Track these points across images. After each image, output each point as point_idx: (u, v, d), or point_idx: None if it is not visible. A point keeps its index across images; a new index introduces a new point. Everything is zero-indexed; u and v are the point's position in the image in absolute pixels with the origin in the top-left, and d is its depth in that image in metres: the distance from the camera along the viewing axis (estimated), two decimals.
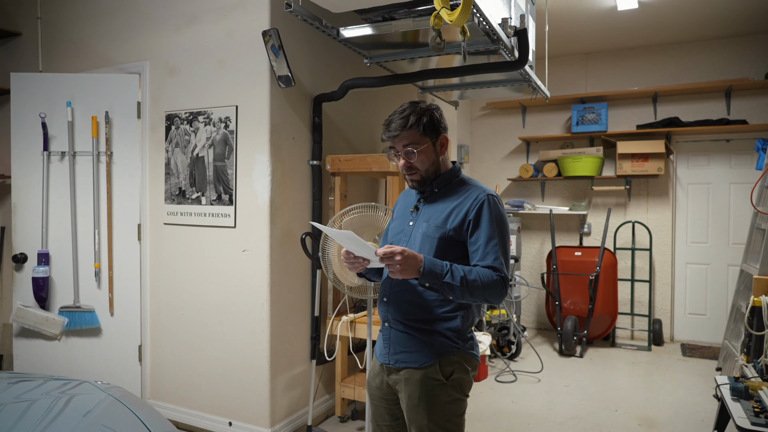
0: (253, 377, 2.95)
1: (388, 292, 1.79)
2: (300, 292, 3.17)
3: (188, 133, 3.13)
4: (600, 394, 3.90)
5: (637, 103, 5.39)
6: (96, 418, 1.77)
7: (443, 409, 1.69)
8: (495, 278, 1.60)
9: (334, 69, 3.41)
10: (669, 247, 5.32)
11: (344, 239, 1.62)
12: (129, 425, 1.80)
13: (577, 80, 5.61)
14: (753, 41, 4.93)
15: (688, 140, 5.27)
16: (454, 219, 1.70)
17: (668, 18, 4.50)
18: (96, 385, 2.05)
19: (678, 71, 5.21)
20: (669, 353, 4.94)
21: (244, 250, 2.97)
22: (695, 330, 5.29)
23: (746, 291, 4.04)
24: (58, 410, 1.79)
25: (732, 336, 4.15)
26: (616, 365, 4.60)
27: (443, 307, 1.70)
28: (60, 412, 1.77)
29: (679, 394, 3.88)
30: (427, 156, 1.74)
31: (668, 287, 5.34)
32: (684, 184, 5.32)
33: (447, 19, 1.90)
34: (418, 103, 1.76)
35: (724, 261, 5.19)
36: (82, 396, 1.94)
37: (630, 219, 5.37)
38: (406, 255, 1.53)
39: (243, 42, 2.94)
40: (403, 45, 2.91)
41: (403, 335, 1.74)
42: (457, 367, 1.70)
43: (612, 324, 5.12)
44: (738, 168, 5.12)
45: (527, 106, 5.83)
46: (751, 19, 4.55)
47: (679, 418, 3.44)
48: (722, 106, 5.10)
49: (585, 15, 4.44)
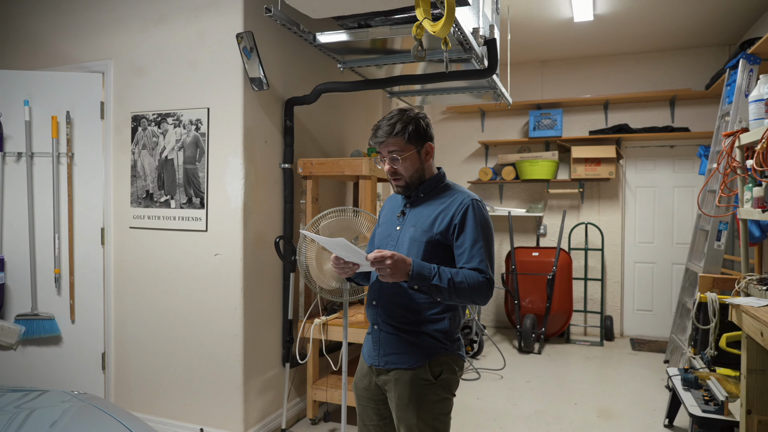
0: (225, 382, 2.93)
1: (377, 295, 1.83)
2: (272, 295, 3.17)
3: (156, 134, 3.07)
4: (559, 388, 4.07)
5: (589, 109, 5.65)
6: (63, 429, 1.69)
7: (432, 408, 1.75)
8: (481, 280, 1.67)
9: (304, 72, 3.42)
10: (619, 247, 5.61)
11: (335, 246, 1.65)
12: None
13: (533, 87, 5.82)
14: (696, 54, 5.27)
15: (636, 146, 5.57)
16: (441, 223, 1.76)
17: (620, 30, 4.75)
18: (69, 394, 1.97)
19: (627, 80, 5.50)
20: (620, 348, 5.21)
21: (216, 254, 2.94)
22: (643, 325, 5.60)
23: (691, 288, 4.32)
24: (18, 424, 1.68)
25: (678, 330, 4.42)
26: (572, 360, 4.81)
27: (431, 309, 1.76)
28: (21, 425, 1.67)
29: (632, 386, 4.10)
30: (411, 163, 1.80)
31: (618, 285, 5.62)
32: (632, 188, 5.61)
33: (430, 29, 1.96)
34: (406, 111, 1.80)
35: (668, 260, 5.52)
36: (45, 408, 1.84)
37: (583, 220, 5.62)
38: (396, 259, 1.58)
39: (215, 43, 2.91)
40: (376, 51, 2.96)
41: (393, 337, 1.79)
42: (446, 367, 1.77)
43: (567, 321, 5.35)
44: (681, 172, 5.45)
45: (486, 111, 6.00)
46: (694, 34, 4.87)
47: (634, 408, 3.64)
48: (667, 114, 5.42)
49: (543, 25, 4.63)
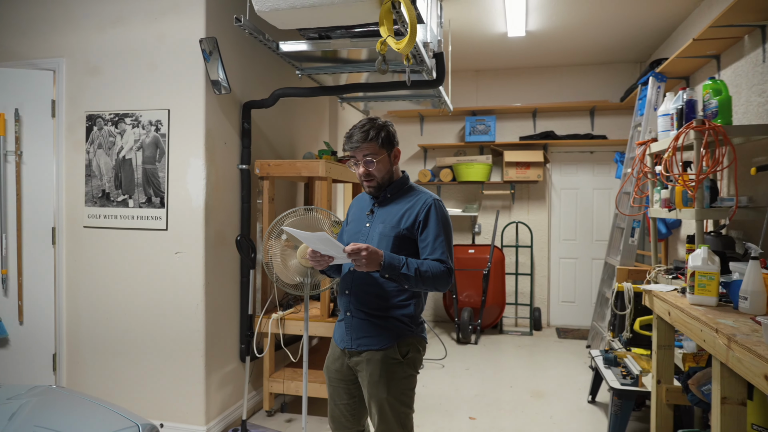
0: (187, 377, 3.00)
1: (349, 285, 2.03)
2: (230, 292, 3.27)
3: (113, 134, 3.09)
4: (496, 374, 4.43)
5: (520, 117, 6.10)
6: (25, 421, 1.69)
7: (400, 384, 1.97)
8: (443, 269, 1.91)
9: (260, 77, 3.54)
10: (546, 244, 6.09)
11: (315, 240, 1.84)
12: (74, 417, 1.76)
13: (469, 94, 6.20)
14: (612, 69, 5.84)
15: (561, 151, 6.07)
16: (407, 220, 1.98)
17: (549, 46, 5.20)
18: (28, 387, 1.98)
19: (554, 91, 5.99)
20: (547, 336, 5.67)
21: (177, 252, 3.01)
22: (567, 316, 6.11)
23: (609, 280, 4.81)
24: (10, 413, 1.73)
25: (598, 318, 4.91)
26: (506, 349, 5.20)
27: (398, 296, 1.98)
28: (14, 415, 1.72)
29: (559, 370, 4.52)
30: (383, 165, 2.01)
31: (545, 279, 6.10)
32: (557, 189, 6.11)
33: (395, 47, 2.18)
34: (376, 119, 2.01)
35: (589, 255, 6.06)
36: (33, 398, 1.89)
37: (514, 220, 6.06)
38: (370, 251, 1.79)
39: (176, 47, 2.98)
40: (333, 60, 3.14)
41: (364, 322, 1.99)
42: (412, 347, 1.99)
43: (501, 313, 5.75)
44: (599, 176, 6.01)
45: (425, 116, 6.32)
46: (611, 52, 5.41)
47: (561, 388, 4.04)
48: (588, 122, 5.96)
49: (480, 38, 4.98)
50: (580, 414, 3.57)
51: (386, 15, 2.24)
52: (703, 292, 2.27)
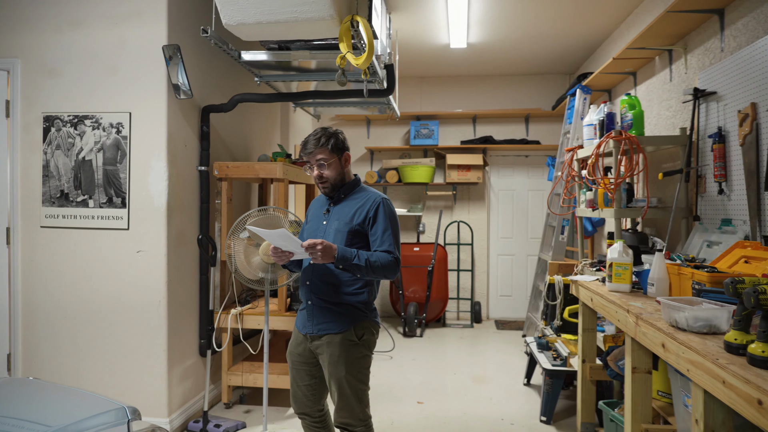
0: (149, 372, 3.10)
1: (309, 277, 2.25)
2: (190, 289, 3.39)
3: (72, 135, 3.14)
4: (440, 363, 4.74)
5: (461, 122, 6.47)
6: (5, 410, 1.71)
7: (357, 363, 2.21)
8: (390, 259, 2.16)
9: (218, 81, 3.67)
10: (485, 242, 6.49)
11: (276, 237, 2.06)
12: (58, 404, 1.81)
13: (413, 100, 6.51)
14: (545, 80, 6.31)
15: (498, 155, 6.49)
16: (359, 216, 2.22)
17: (488, 57, 5.58)
18: None
19: (492, 98, 6.40)
20: (487, 328, 6.06)
21: (139, 251, 3.10)
22: (505, 308, 6.54)
23: (542, 274, 5.24)
24: None
25: (532, 309, 5.33)
26: (449, 340, 5.53)
27: (353, 285, 2.22)
28: None
29: (498, 358, 4.90)
30: (335, 168, 2.25)
31: (485, 275, 6.50)
32: (496, 191, 6.53)
33: (354, 62, 2.41)
34: (327, 128, 2.26)
35: (524, 252, 6.52)
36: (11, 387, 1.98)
37: (456, 219, 6.42)
38: (325, 245, 2.03)
39: (138, 51, 3.07)
40: (291, 68, 3.33)
41: (324, 309, 2.21)
42: (367, 330, 2.24)
43: (444, 307, 6.09)
44: (534, 178, 6.47)
45: (372, 120, 6.57)
46: (544, 64, 5.86)
47: (500, 374, 4.40)
48: (523, 129, 6.40)
49: (424, 48, 5.29)
50: (517, 395, 3.92)
51: (345, 33, 2.47)
52: (619, 281, 2.64)
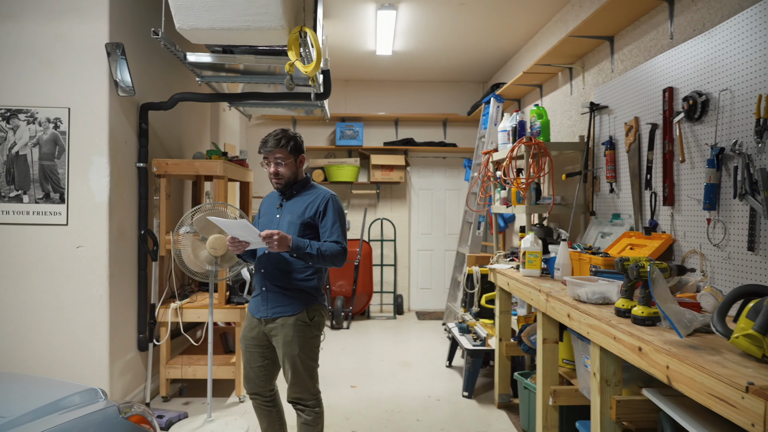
0: (91, 366, 3.11)
1: (264, 265, 2.45)
2: (129, 284, 3.42)
3: (4, 129, 3.09)
4: (368, 351, 5.03)
5: (385, 124, 6.81)
6: None
7: (309, 342, 2.44)
8: (339, 248, 2.42)
9: (155, 79, 3.72)
10: (407, 238, 6.88)
11: (235, 227, 2.25)
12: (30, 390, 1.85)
13: (339, 102, 6.76)
14: (461, 87, 6.82)
15: (419, 156, 6.91)
16: (310, 210, 2.46)
17: (411, 64, 5.96)
18: None
19: (414, 103, 6.80)
20: (408, 319, 6.45)
21: (79, 247, 3.11)
22: (425, 300, 6.97)
23: (460, 266, 5.69)
24: None
25: (451, 299, 5.76)
26: (374, 331, 5.85)
27: (305, 272, 2.44)
28: None
29: (420, 345, 5.28)
30: (290, 168, 2.47)
31: (407, 269, 6.89)
32: (416, 189, 6.94)
33: (303, 70, 2.63)
34: (287, 131, 2.47)
35: (442, 247, 6.98)
36: None
37: (379, 216, 6.76)
38: (281, 235, 2.25)
39: (78, 47, 3.08)
40: (232, 71, 3.47)
41: (278, 294, 2.42)
42: (317, 313, 2.47)
43: (369, 301, 6.40)
44: (451, 178, 6.95)
45: (298, 120, 6.74)
46: (460, 72, 6.34)
47: (424, 358, 4.78)
48: (441, 132, 6.86)
49: (351, 53, 5.56)
50: (441, 376, 4.31)
51: (294, 42, 2.68)
52: (531, 267, 3.07)
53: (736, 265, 2.20)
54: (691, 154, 2.50)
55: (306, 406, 2.44)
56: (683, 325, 1.66)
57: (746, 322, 1.41)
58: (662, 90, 2.70)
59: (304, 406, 2.44)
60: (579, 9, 3.89)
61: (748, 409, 1.23)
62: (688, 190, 2.53)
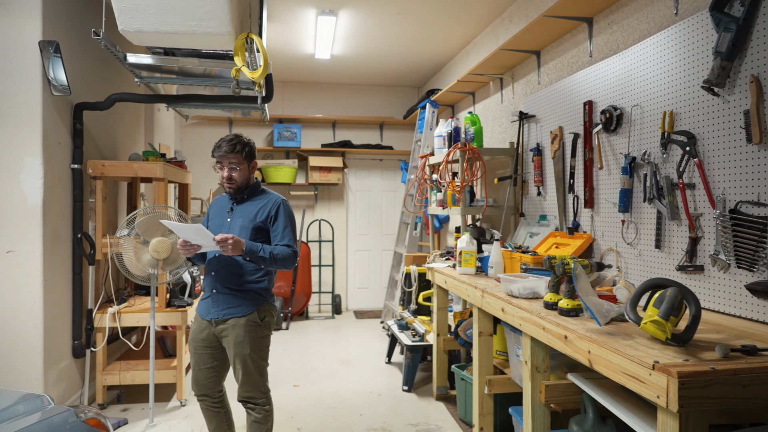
0: (24, 374, 3.00)
1: (215, 267, 2.49)
2: (64, 289, 3.32)
3: None
4: (309, 351, 5.10)
5: (322, 126, 6.89)
6: None
7: (259, 342, 2.50)
8: (290, 252, 2.50)
9: (89, 78, 3.61)
10: (345, 238, 6.99)
11: (190, 231, 2.28)
12: None
13: (276, 104, 6.76)
14: (398, 92, 7.01)
15: (356, 158, 7.03)
16: (262, 215, 2.53)
17: (349, 68, 6.07)
18: None
19: (351, 106, 6.92)
20: (347, 319, 6.56)
21: (9, 251, 2.99)
22: (363, 300, 7.11)
23: (398, 265, 5.87)
24: None
25: (389, 298, 5.94)
26: (314, 331, 5.92)
27: (255, 274, 2.51)
28: None
29: (360, 342, 5.41)
30: (243, 173, 2.53)
31: (344, 269, 7.00)
32: (354, 191, 7.06)
33: (249, 76, 2.69)
34: (240, 136, 2.52)
35: (379, 247, 7.15)
36: None
37: (318, 218, 6.82)
38: (235, 239, 2.31)
39: (8, 45, 2.96)
40: (173, 72, 3.44)
41: (228, 296, 2.47)
42: (267, 313, 2.54)
43: (307, 301, 6.46)
44: (387, 180, 7.13)
45: (234, 120, 6.67)
46: (396, 77, 6.53)
47: (363, 356, 4.91)
48: (378, 135, 7.03)
49: (290, 56, 5.60)
50: (381, 372, 4.46)
51: (240, 48, 2.73)
52: (467, 265, 3.27)
53: (645, 261, 2.49)
54: (608, 161, 2.78)
55: (256, 404, 2.50)
56: (602, 315, 1.89)
57: (653, 310, 1.64)
58: (583, 103, 2.98)
59: (255, 405, 2.50)
60: (509, 23, 4.16)
61: (654, 384, 1.45)
62: (606, 195, 2.81)
